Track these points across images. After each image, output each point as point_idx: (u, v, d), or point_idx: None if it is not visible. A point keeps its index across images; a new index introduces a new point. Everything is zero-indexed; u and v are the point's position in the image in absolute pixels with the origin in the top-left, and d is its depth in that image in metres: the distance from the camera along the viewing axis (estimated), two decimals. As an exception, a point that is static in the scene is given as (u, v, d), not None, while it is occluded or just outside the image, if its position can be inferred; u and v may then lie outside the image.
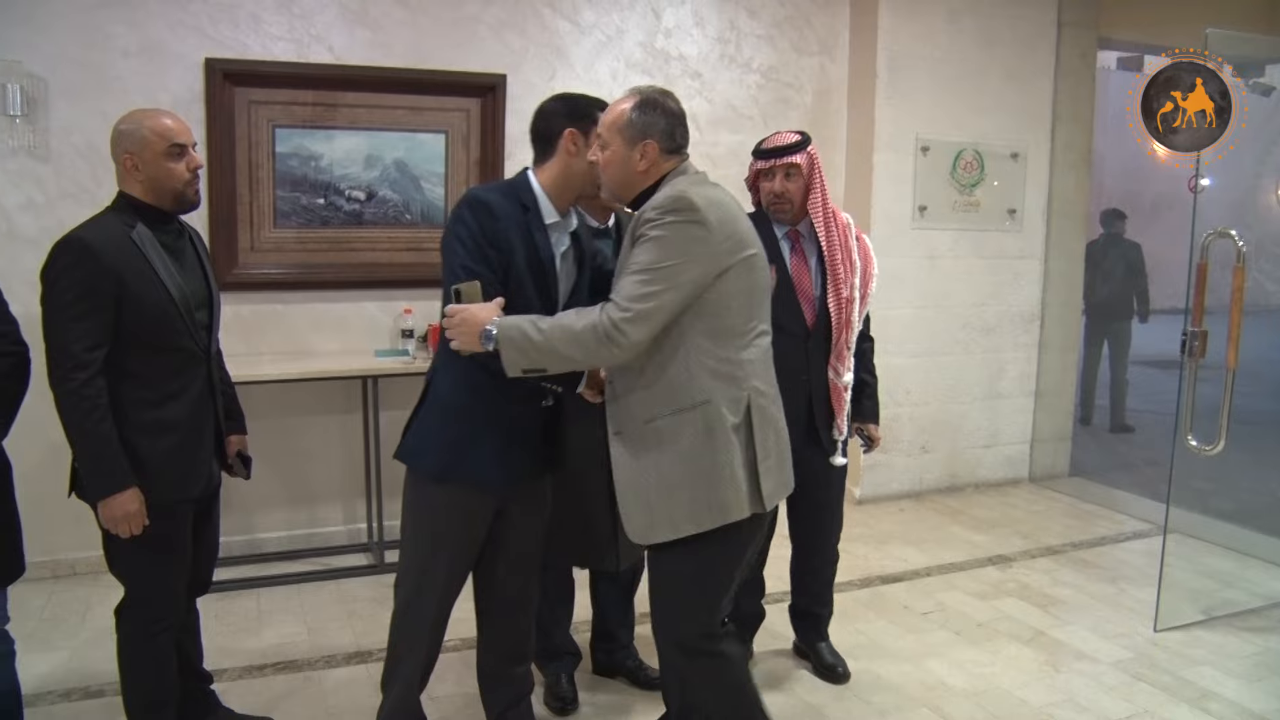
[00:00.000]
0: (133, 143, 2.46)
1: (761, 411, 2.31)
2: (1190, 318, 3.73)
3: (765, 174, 3.19)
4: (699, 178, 2.34)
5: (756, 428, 2.29)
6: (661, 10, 5.06)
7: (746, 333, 2.30)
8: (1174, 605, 3.97)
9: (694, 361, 2.24)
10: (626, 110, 2.31)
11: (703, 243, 2.19)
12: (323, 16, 4.41)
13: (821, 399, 3.24)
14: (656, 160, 2.32)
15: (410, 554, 2.64)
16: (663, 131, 2.31)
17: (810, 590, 3.51)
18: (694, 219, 2.18)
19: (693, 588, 2.36)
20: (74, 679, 3.35)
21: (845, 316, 3.18)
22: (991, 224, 5.78)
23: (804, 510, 3.40)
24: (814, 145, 3.19)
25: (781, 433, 2.40)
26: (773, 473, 2.34)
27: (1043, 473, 6.17)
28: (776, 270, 3.15)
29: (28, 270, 3.73)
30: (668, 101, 2.35)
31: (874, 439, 3.45)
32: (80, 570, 4.21)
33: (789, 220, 3.20)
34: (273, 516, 4.59)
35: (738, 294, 2.26)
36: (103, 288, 2.34)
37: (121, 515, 2.39)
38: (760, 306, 2.36)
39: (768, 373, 2.37)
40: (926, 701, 3.32)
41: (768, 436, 2.32)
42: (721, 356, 2.26)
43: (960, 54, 5.55)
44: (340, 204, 4.54)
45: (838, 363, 3.21)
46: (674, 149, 2.34)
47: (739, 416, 2.26)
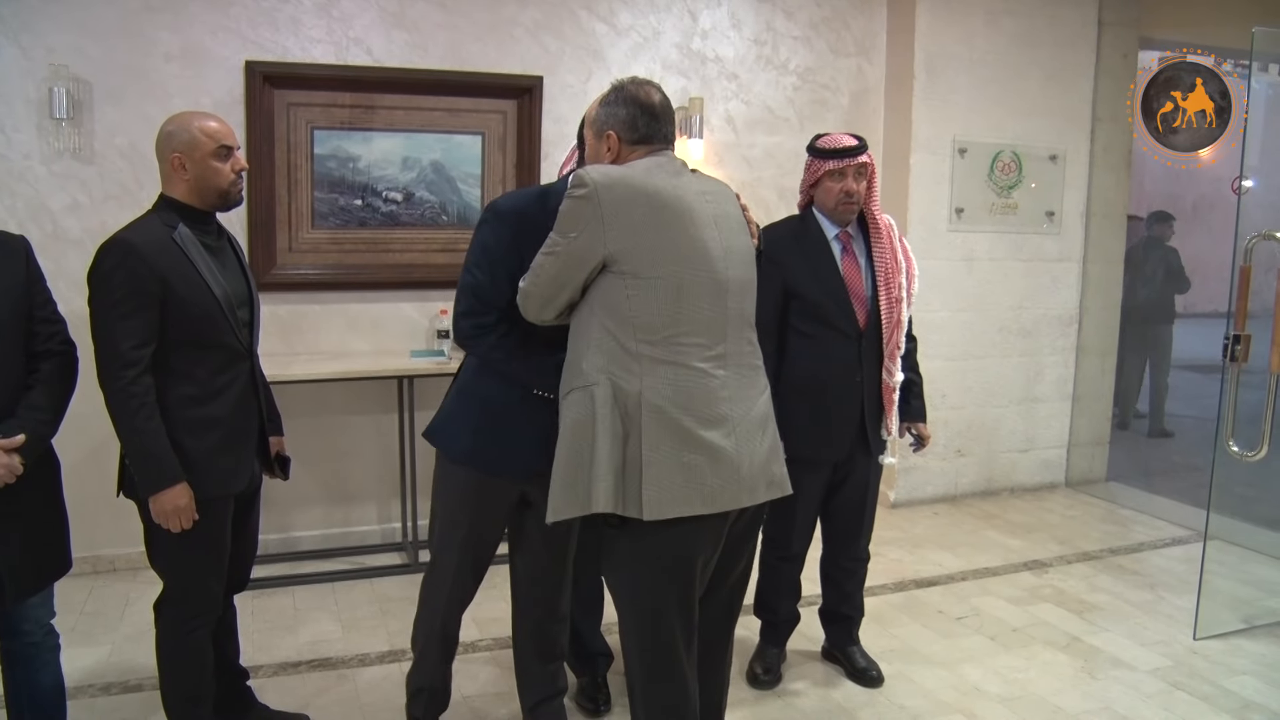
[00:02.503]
0: (181, 143, 2.52)
1: (657, 413, 2.13)
2: (1233, 321, 3.68)
3: (835, 174, 3.15)
4: (656, 164, 2.26)
5: (645, 428, 2.13)
6: (698, 12, 5.06)
7: (663, 333, 2.16)
8: (1214, 613, 3.91)
9: (594, 342, 2.20)
10: (595, 104, 2.33)
11: (586, 220, 2.14)
12: (361, 19, 4.45)
13: (875, 400, 3.24)
14: (620, 151, 2.30)
15: (434, 529, 2.79)
16: (623, 122, 2.29)
17: (842, 590, 3.49)
18: (582, 195, 2.15)
19: (627, 592, 2.32)
20: (113, 673, 3.40)
21: (896, 317, 3.18)
22: (1029, 226, 5.73)
23: (839, 509, 3.39)
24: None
25: (699, 445, 2.16)
26: (661, 480, 2.13)
27: (1080, 477, 6.10)
28: (827, 273, 3.18)
29: (73, 271, 3.82)
30: (637, 91, 2.31)
31: (924, 437, 3.44)
32: (120, 566, 4.28)
33: (851, 220, 3.21)
34: (308, 515, 4.64)
35: (647, 283, 2.15)
36: (147, 287, 2.39)
37: (172, 510, 2.44)
38: (689, 317, 2.18)
39: (687, 377, 2.17)
40: (960, 707, 3.30)
41: (661, 442, 2.13)
42: (624, 346, 2.16)
43: (998, 55, 5.50)
44: (377, 205, 4.57)
45: (890, 363, 3.21)
46: (637, 139, 2.30)
47: (623, 409, 2.15)
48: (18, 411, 2.35)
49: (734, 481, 2.21)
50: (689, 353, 2.18)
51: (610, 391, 2.16)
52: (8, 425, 2.31)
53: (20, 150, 4.03)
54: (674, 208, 2.18)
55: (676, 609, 2.27)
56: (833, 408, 3.22)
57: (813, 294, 3.18)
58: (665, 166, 2.27)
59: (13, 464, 2.29)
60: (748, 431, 2.25)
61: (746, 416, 2.26)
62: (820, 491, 3.34)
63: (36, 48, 3.99)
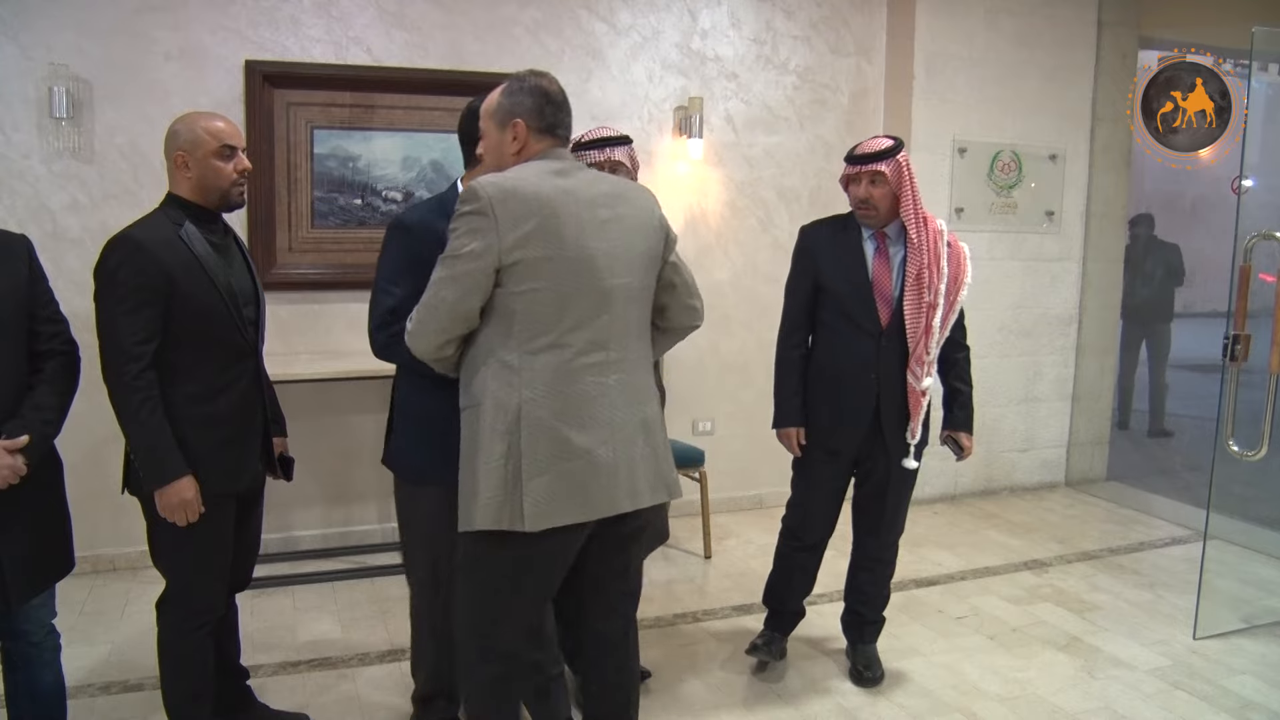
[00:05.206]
0: (186, 141, 2.54)
1: (537, 424, 2.14)
2: (1232, 321, 3.68)
3: (852, 179, 3.20)
4: (548, 168, 2.23)
5: (525, 441, 2.13)
6: (698, 11, 5.06)
7: (543, 342, 2.15)
8: (1214, 613, 3.91)
9: (480, 359, 2.20)
10: (495, 95, 2.31)
11: (481, 234, 2.10)
12: (361, 19, 4.45)
13: (894, 400, 3.23)
14: (527, 140, 2.27)
15: (405, 554, 2.85)
16: (530, 110, 2.26)
17: (856, 584, 3.50)
18: (475, 209, 2.11)
19: (471, 587, 2.31)
20: (114, 672, 3.40)
21: (926, 322, 3.15)
22: (1029, 226, 5.73)
23: (860, 506, 3.43)
24: (905, 152, 3.18)
25: (575, 452, 2.17)
26: (542, 492, 2.13)
27: (1079, 477, 6.11)
28: (854, 269, 3.21)
29: (73, 270, 3.82)
30: (540, 81, 2.29)
31: (964, 447, 3.40)
32: (120, 566, 4.28)
33: (875, 224, 3.22)
34: (309, 514, 4.64)
35: (530, 296, 2.14)
36: (153, 283, 2.40)
37: (178, 503, 2.45)
38: (570, 327, 2.17)
39: (566, 385, 2.17)
40: (960, 706, 3.30)
41: (539, 452, 2.14)
42: (504, 360, 2.16)
43: (998, 54, 5.50)
44: (377, 204, 4.57)
45: (916, 366, 3.20)
46: (544, 128, 2.27)
47: (504, 424, 2.14)
48: (21, 412, 2.35)
49: (611, 487, 2.22)
50: (571, 361, 2.18)
51: (493, 409, 2.16)
52: (11, 426, 2.31)
53: (20, 149, 4.03)
54: (561, 215, 2.15)
55: (530, 607, 2.35)
56: (845, 400, 3.25)
57: (837, 286, 3.24)
58: (558, 169, 2.24)
59: (17, 465, 2.29)
60: (628, 437, 2.25)
61: (629, 422, 2.25)
62: (838, 483, 3.38)
63: (36, 47, 3.99)
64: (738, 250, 5.29)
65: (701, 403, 5.28)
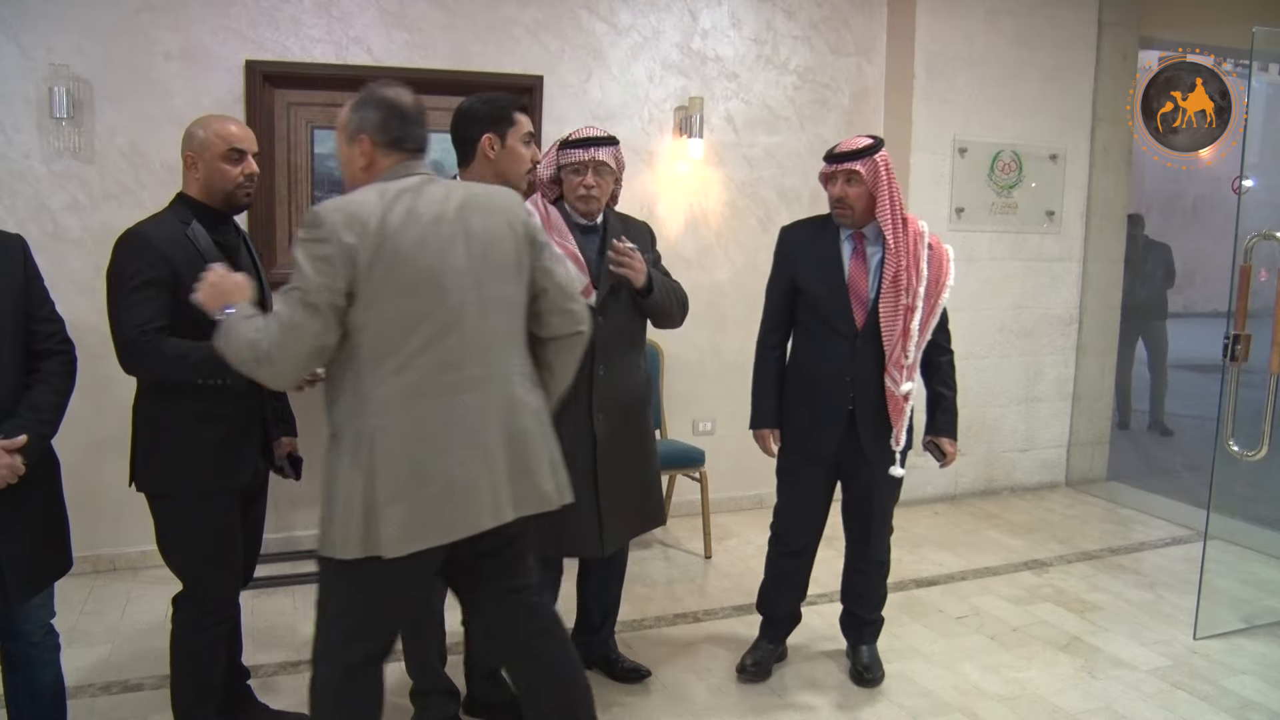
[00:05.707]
0: (197, 142, 2.60)
1: (389, 452, 2.08)
2: (1233, 321, 3.68)
3: (829, 178, 3.18)
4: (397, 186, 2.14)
5: (380, 469, 2.07)
6: (698, 11, 5.06)
7: (386, 364, 2.09)
8: (1214, 613, 3.91)
9: (335, 387, 2.15)
10: (345, 110, 2.25)
11: (327, 261, 2.01)
12: (361, 19, 4.45)
13: (870, 404, 3.17)
14: (374, 156, 2.21)
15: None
16: (375, 125, 2.19)
17: (852, 588, 3.49)
18: (317, 236, 2.03)
19: (331, 611, 2.24)
20: (114, 672, 3.39)
21: (904, 325, 3.10)
22: (1029, 226, 5.73)
23: (846, 511, 3.42)
24: (884, 152, 3.12)
25: (430, 477, 2.11)
26: (399, 518, 2.07)
27: (1080, 477, 6.11)
28: (830, 270, 3.18)
29: (73, 270, 3.82)
30: (387, 93, 2.23)
31: (947, 453, 3.35)
32: (120, 565, 4.26)
33: (851, 224, 3.18)
34: (309, 515, 4.59)
35: (375, 322, 2.07)
36: (159, 273, 2.46)
37: None
38: (420, 349, 2.11)
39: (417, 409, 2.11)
40: (960, 706, 3.30)
41: (396, 479, 2.08)
42: (358, 390, 2.10)
43: (998, 54, 5.50)
44: (377, 205, 4.56)
45: (894, 370, 3.13)
46: (391, 142, 2.20)
47: (363, 454, 2.08)
48: (18, 411, 2.35)
49: (471, 505, 2.15)
50: (420, 384, 2.11)
51: (350, 439, 2.11)
52: (9, 426, 2.32)
53: (20, 149, 4.03)
54: (401, 237, 2.07)
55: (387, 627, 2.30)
56: (819, 403, 3.21)
57: (813, 287, 3.21)
58: (403, 187, 2.14)
59: (15, 464, 2.29)
60: (489, 454, 2.18)
61: (490, 440, 2.18)
62: (821, 488, 3.35)
63: (36, 47, 3.99)
64: (738, 250, 5.28)
65: (701, 403, 5.27)
